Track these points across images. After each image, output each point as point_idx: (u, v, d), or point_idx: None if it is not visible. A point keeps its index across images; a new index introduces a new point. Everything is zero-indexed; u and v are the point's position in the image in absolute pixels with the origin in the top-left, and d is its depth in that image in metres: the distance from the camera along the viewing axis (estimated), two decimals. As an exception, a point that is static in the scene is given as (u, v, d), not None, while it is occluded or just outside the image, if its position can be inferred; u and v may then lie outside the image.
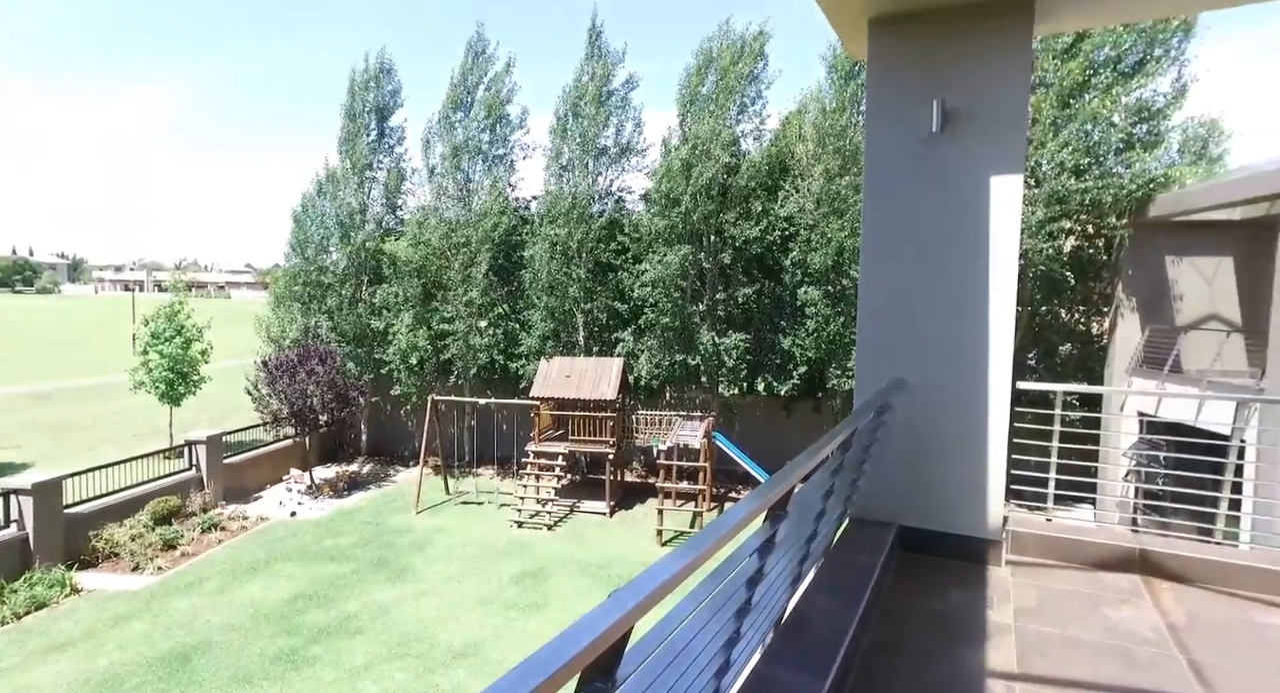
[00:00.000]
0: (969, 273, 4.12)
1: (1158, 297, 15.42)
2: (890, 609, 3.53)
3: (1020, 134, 4.02)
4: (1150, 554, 3.99)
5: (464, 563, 13.79)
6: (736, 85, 17.92)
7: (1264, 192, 11.72)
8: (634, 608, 1.17)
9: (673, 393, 19.77)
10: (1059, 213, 15.37)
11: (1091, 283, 17.05)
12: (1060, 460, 4.71)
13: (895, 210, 4.31)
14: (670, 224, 17.92)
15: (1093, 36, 15.79)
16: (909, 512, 4.29)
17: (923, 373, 4.23)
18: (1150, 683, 2.88)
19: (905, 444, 4.28)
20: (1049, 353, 16.67)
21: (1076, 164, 15.25)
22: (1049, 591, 3.79)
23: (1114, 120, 15.58)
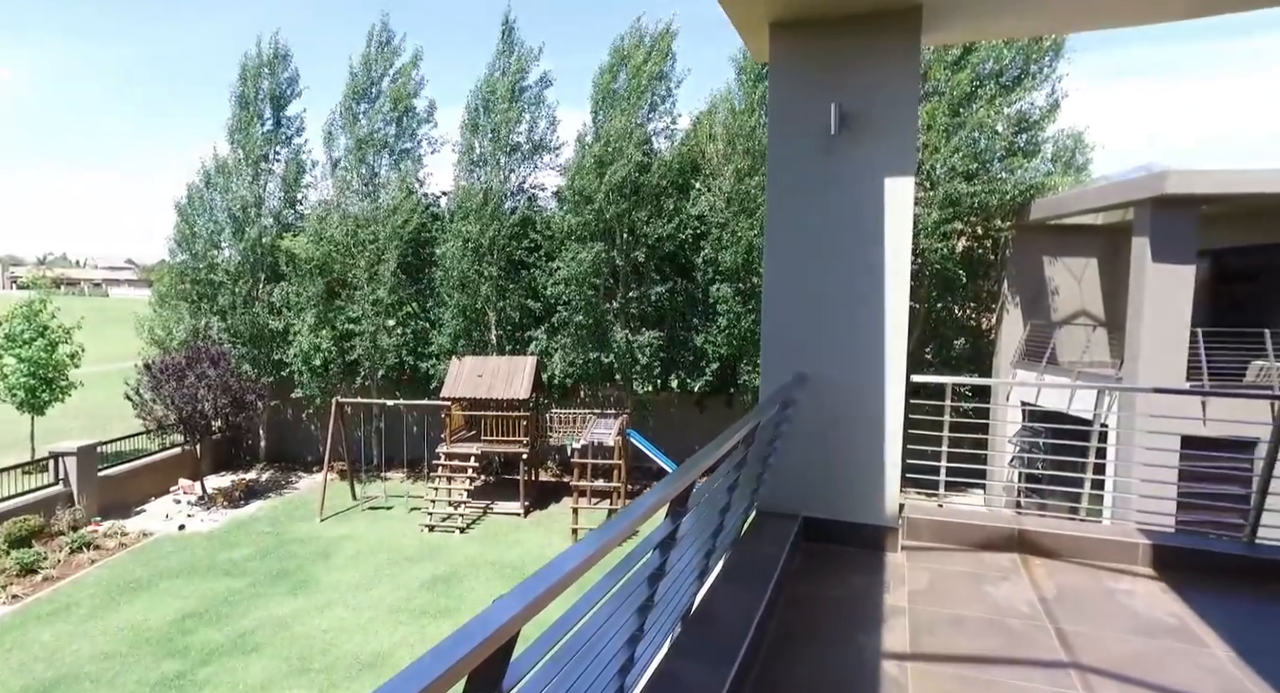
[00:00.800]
0: (867, 270, 4.29)
1: (1037, 294, 16.63)
2: (794, 598, 3.63)
3: (911, 137, 4.22)
4: (1027, 534, 4.28)
5: (372, 570, 13.29)
6: (647, 83, 18.04)
7: (1118, 200, 12.83)
8: (519, 614, 1.14)
9: (587, 391, 19.74)
10: (952, 215, 16.32)
11: (981, 281, 18.20)
12: (953, 449, 4.99)
13: (797, 210, 4.44)
14: (583, 221, 17.86)
15: (979, 50, 16.84)
16: (813, 503, 4.43)
17: (824, 368, 4.37)
18: (1023, 653, 3.08)
19: (808, 438, 4.41)
20: (944, 347, 17.67)
21: (967, 169, 16.23)
22: (940, 572, 4.00)
23: (998, 129, 16.67)
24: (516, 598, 1.18)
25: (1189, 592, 3.72)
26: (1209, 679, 2.90)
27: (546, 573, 1.31)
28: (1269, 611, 3.62)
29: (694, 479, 2.29)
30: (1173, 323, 11.94)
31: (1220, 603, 3.62)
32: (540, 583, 1.24)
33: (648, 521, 2.06)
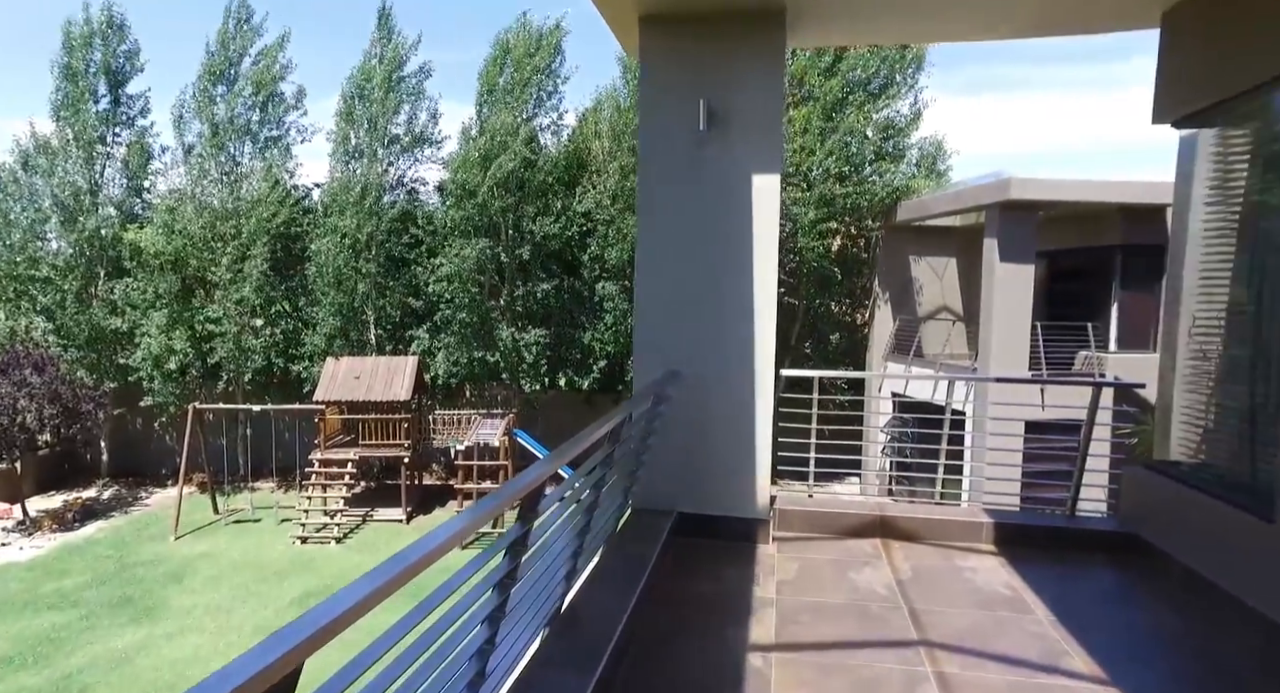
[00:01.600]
0: (736, 267, 4.34)
1: (904, 291, 17.74)
2: (665, 596, 3.62)
3: (777, 135, 4.30)
4: (888, 519, 4.48)
5: (235, 590, 12.27)
6: (533, 78, 17.73)
7: (971, 203, 13.90)
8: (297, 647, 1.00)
9: (473, 391, 19.20)
10: (827, 215, 17.09)
11: (855, 278, 19.18)
12: (830, 441, 5.17)
13: (668, 206, 4.43)
14: (467, 216, 17.31)
15: (849, 58, 17.74)
16: (686, 498, 4.45)
17: (696, 365, 4.39)
18: (879, 634, 3.21)
19: (681, 434, 4.42)
20: (823, 342, 18.50)
21: (840, 171, 17.04)
22: (808, 562, 4.11)
23: (867, 134, 17.64)
24: (299, 629, 1.04)
25: (1022, 564, 4.02)
26: (1034, 643, 3.12)
27: (344, 597, 1.16)
28: (1081, 575, 3.97)
29: (543, 481, 2.19)
30: (1017, 317, 13.06)
31: (1046, 572, 3.93)
32: (330, 611, 1.10)
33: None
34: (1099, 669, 2.91)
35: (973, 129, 45.28)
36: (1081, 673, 2.88)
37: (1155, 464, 4.22)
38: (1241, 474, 3.61)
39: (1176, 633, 3.26)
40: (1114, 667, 2.93)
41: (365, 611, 1.17)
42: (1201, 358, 4.14)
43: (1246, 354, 3.66)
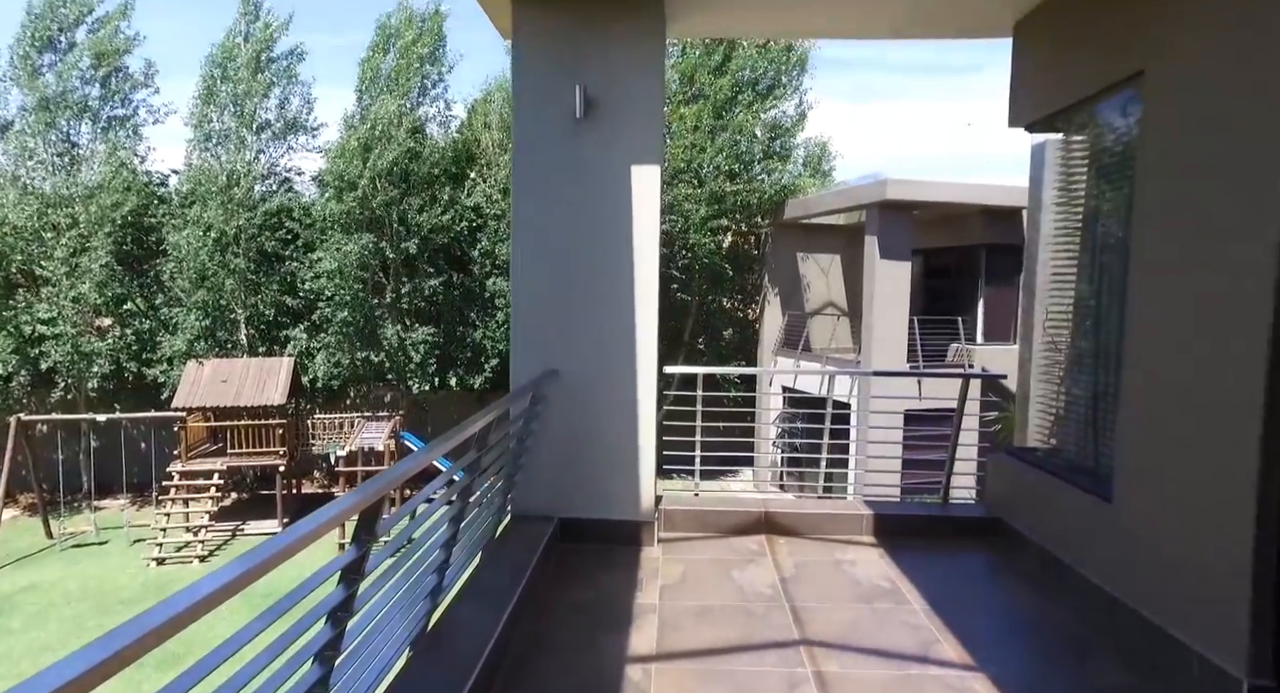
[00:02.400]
0: (616, 261, 4.19)
1: (793, 287, 18.31)
2: (544, 606, 3.42)
3: (656, 126, 4.17)
4: (773, 515, 4.47)
5: (67, 625, 10.86)
6: (417, 65, 16.93)
7: (853, 203, 14.50)
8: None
9: (357, 393, 18.19)
10: (718, 212, 17.35)
11: (746, 275, 19.63)
12: (722, 438, 5.12)
13: (543, 196, 4.22)
14: (346, 209, 16.33)
15: (738, 58, 18.09)
16: (568, 503, 4.26)
17: (575, 363, 4.21)
18: (762, 636, 3.15)
19: (562, 436, 4.23)
20: (715, 338, 18.80)
21: (730, 169, 17.34)
22: (692, 563, 4.02)
23: (756, 133, 18.05)
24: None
25: (900, 554, 4.10)
26: (909, 635, 3.15)
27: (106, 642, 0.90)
28: (953, 561, 4.11)
29: (383, 494, 1.94)
30: (896, 312, 13.73)
31: (921, 561, 4.03)
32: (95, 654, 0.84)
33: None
34: (967, 656, 2.96)
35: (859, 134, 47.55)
36: (952, 661, 2.92)
37: (1015, 451, 4.43)
38: (1086, 458, 3.83)
39: (1034, 612, 3.40)
40: (981, 651, 3.00)
41: (117, 667, 0.92)
42: (1053, 350, 4.38)
43: (1090, 346, 3.88)
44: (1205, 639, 2.74)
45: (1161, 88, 3.08)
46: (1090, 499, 3.48)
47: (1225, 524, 2.65)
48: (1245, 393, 2.56)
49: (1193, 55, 2.90)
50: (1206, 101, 2.81)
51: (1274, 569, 2.53)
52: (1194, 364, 2.84)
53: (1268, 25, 2.51)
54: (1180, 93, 2.97)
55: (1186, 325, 2.89)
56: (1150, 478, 3.08)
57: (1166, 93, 3.05)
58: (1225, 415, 2.66)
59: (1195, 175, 2.87)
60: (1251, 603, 2.56)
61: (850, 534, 4.40)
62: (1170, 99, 3.03)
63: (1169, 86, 3.03)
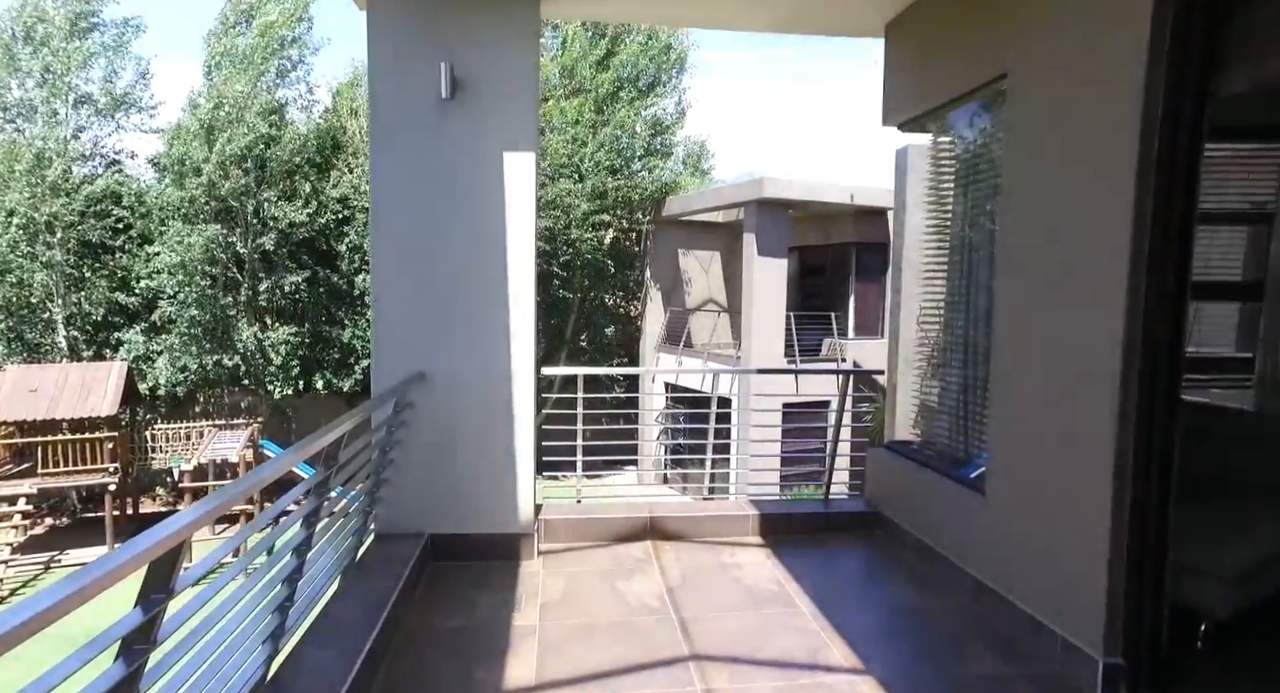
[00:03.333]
0: (488, 256, 3.87)
1: (674, 283, 18.46)
2: (409, 638, 3.07)
3: (531, 110, 3.88)
4: (658, 520, 4.32)
5: None
6: (277, 46, 15.54)
7: (731, 200, 14.78)
8: None
9: (208, 399, 16.54)
10: (600, 207, 17.18)
11: (628, 272, 19.61)
12: (604, 442, 4.89)
13: (407, 186, 3.83)
14: (189, 197, 14.74)
15: (621, 53, 18.00)
16: (439, 517, 3.90)
17: (444, 365, 3.86)
18: (649, 654, 2.97)
19: (431, 444, 3.87)
20: (598, 335, 18.64)
21: (612, 164, 17.21)
22: (575, 576, 3.79)
23: (637, 130, 18.04)
24: None
25: (787, 554, 4.06)
26: (798, 640, 3.08)
27: None
28: (837, 559, 4.13)
29: (180, 541, 1.56)
30: (773, 308, 14.11)
31: (807, 560, 4.01)
32: None
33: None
34: (855, 658, 2.92)
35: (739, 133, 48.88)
36: (840, 666, 2.87)
37: (893, 445, 4.52)
38: (960, 452, 3.94)
39: (916, 607, 3.44)
40: (867, 652, 2.97)
41: None
42: (925, 345, 4.50)
43: (959, 343, 4.00)
44: (1067, 624, 2.83)
45: (1023, 89, 3.17)
46: (965, 492, 3.56)
47: (1084, 515, 2.74)
48: (1101, 389, 2.65)
49: (1050, 58, 2.98)
50: (1062, 102, 2.90)
51: (1125, 557, 2.64)
52: (1055, 360, 2.93)
53: (1112, 27, 2.60)
54: (1039, 94, 3.05)
55: (1047, 322, 2.98)
56: (1018, 471, 3.16)
57: (1027, 94, 3.14)
58: (1083, 411, 2.74)
59: (1054, 174, 2.96)
60: (1107, 589, 2.66)
61: (737, 536, 4.32)
62: (1031, 100, 3.12)
63: (1030, 88, 3.12)
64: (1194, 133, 2.49)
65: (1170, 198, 2.50)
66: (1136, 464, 2.61)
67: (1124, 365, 2.58)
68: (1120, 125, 2.59)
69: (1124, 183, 2.56)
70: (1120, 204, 2.58)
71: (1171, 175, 2.50)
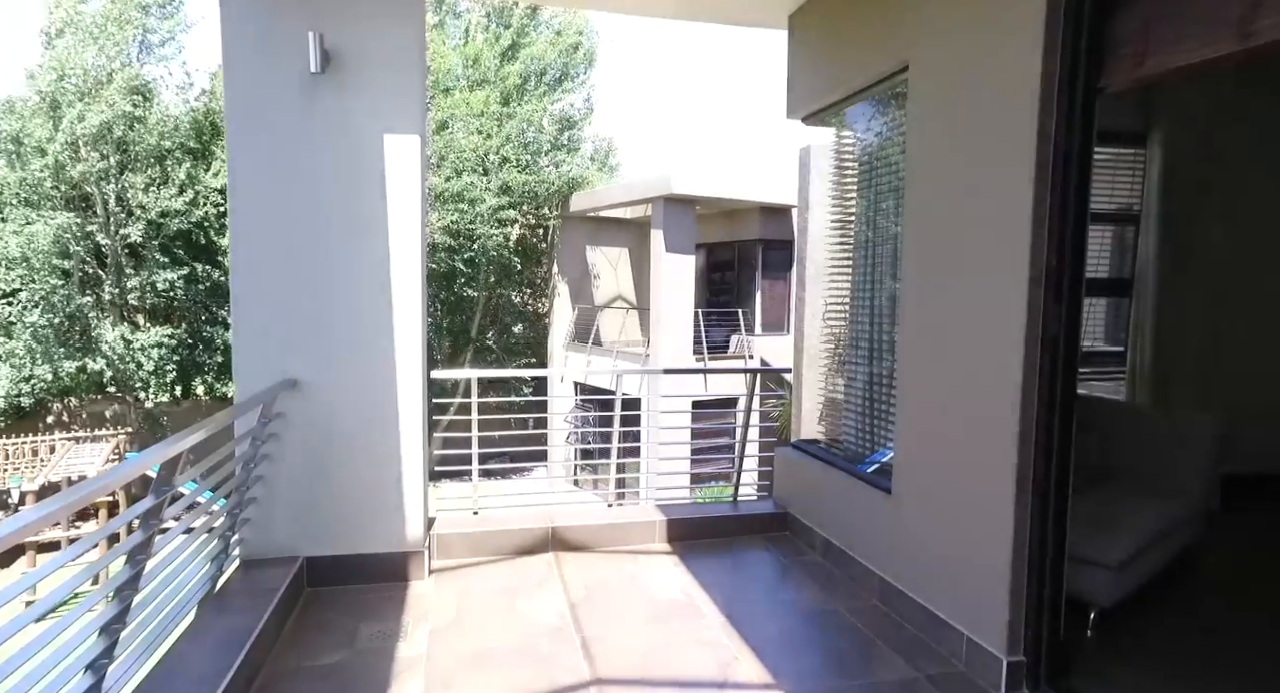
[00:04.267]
0: (367, 249, 3.51)
1: (582, 280, 18.19)
2: (273, 679, 2.70)
3: (416, 90, 3.54)
4: (560, 531, 4.08)
5: None
6: (131, 12, 14.14)
7: (639, 197, 14.67)
8: None
9: (65, 409, 14.93)
10: (506, 203, 16.68)
11: (535, 269, 19.18)
12: (516, 445, 4.59)
13: (269, 172, 3.41)
14: (32, 181, 13.17)
15: (529, 47, 17.55)
16: (316, 539, 3.51)
17: (320, 370, 3.47)
18: (548, 680, 2.73)
19: (306, 458, 3.48)
20: (505, 333, 18.13)
21: (519, 159, 16.75)
22: (471, 596, 3.50)
23: (544, 125, 17.64)
24: None
25: (695, 561, 3.92)
26: (708, 655, 2.92)
27: None
28: (746, 563, 4.02)
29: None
30: (682, 305, 14.11)
31: (716, 567, 3.88)
32: None
33: None
34: (766, 673, 2.79)
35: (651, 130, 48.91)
36: (751, 682, 2.73)
37: (800, 443, 4.47)
38: (865, 449, 3.91)
39: (825, 611, 3.36)
40: (777, 663, 2.85)
41: None
42: (830, 342, 4.47)
43: (863, 339, 3.97)
44: (973, 623, 2.81)
45: (924, 83, 3.13)
46: (871, 491, 3.52)
47: (988, 513, 2.72)
48: (1004, 386, 2.62)
49: (950, 50, 2.95)
50: (962, 96, 2.87)
51: (1027, 554, 2.63)
52: (958, 358, 2.90)
53: (1008, 18, 2.58)
54: (940, 87, 3.02)
55: (950, 319, 2.95)
56: (923, 469, 3.13)
57: (928, 88, 3.10)
58: (986, 409, 2.72)
59: (955, 170, 2.93)
60: (1010, 587, 2.64)
61: (643, 543, 4.14)
62: (931, 94, 3.08)
63: (931, 82, 3.08)
64: (1086, 129, 2.49)
65: (1066, 194, 2.49)
66: (1038, 461, 2.60)
67: (1025, 363, 2.56)
68: (1019, 120, 2.56)
69: (1023, 179, 2.54)
70: (1020, 200, 2.55)
71: (1067, 172, 2.49)
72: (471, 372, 4.51)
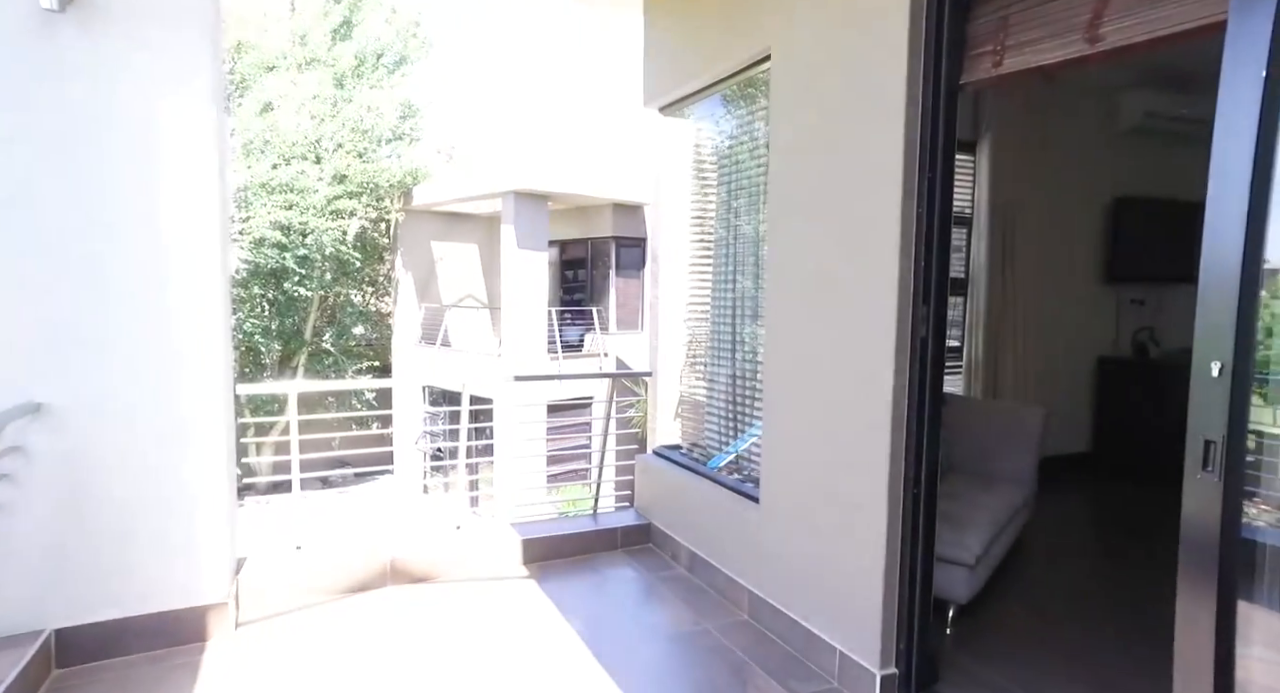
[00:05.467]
0: (143, 241, 2.83)
1: (429, 278, 17.16)
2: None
3: (207, 43, 2.88)
4: (400, 563, 3.58)
5: None
6: None
7: (488, 191, 14.03)
8: None
9: None
10: (343, 192, 15.33)
11: (378, 265, 17.85)
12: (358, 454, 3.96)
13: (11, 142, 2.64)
14: None
15: (363, 25, 16.22)
16: (69, 604, 2.79)
17: (77, 391, 2.75)
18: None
19: (54, 502, 2.74)
20: (343, 334, 16.72)
21: (356, 147, 15.45)
22: (285, 656, 2.93)
23: (383, 111, 16.40)
24: None
25: (554, 584, 3.58)
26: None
27: None
28: (610, 584, 3.74)
29: None
30: (534, 303, 13.65)
31: (577, 590, 3.57)
32: None
33: None
34: (634, 714, 2.51)
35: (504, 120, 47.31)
36: (618, 729, 2.44)
37: (660, 450, 4.25)
38: (730, 455, 3.76)
39: (693, 633, 3.15)
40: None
41: None
42: (690, 342, 4.29)
43: (725, 339, 3.82)
44: (845, 637, 2.70)
45: (786, 71, 2.99)
46: (738, 500, 3.36)
47: (858, 521, 2.61)
48: (876, 390, 2.52)
49: (813, 36, 2.82)
50: (827, 85, 2.74)
51: (899, 561, 2.55)
52: (826, 360, 2.78)
53: (869, 7, 2.47)
54: (803, 76, 2.88)
55: (817, 321, 2.82)
56: (792, 476, 2.99)
57: (791, 76, 2.96)
58: (858, 411, 2.61)
59: (819, 166, 2.80)
60: (882, 597, 2.55)
61: (496, 569, 3.73)
62: (794, 83, 2.94)
63: (793, 70, 2.94)
64: (949, 126, 2.43)
65: (933, 191, 2.42)
66: (909, 462, 2.52)
67: (896, 364, 2.46)
68: (885, 114, 2.46)
69: (891, 176, 2.43)
70: (888, 198, 2.45)
71: (933, 169, 2.42)
72: (292, 385, 3.87)
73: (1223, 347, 1.60)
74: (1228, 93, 1.60)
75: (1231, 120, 1.60)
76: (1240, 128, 1.58)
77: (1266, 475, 1.68)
